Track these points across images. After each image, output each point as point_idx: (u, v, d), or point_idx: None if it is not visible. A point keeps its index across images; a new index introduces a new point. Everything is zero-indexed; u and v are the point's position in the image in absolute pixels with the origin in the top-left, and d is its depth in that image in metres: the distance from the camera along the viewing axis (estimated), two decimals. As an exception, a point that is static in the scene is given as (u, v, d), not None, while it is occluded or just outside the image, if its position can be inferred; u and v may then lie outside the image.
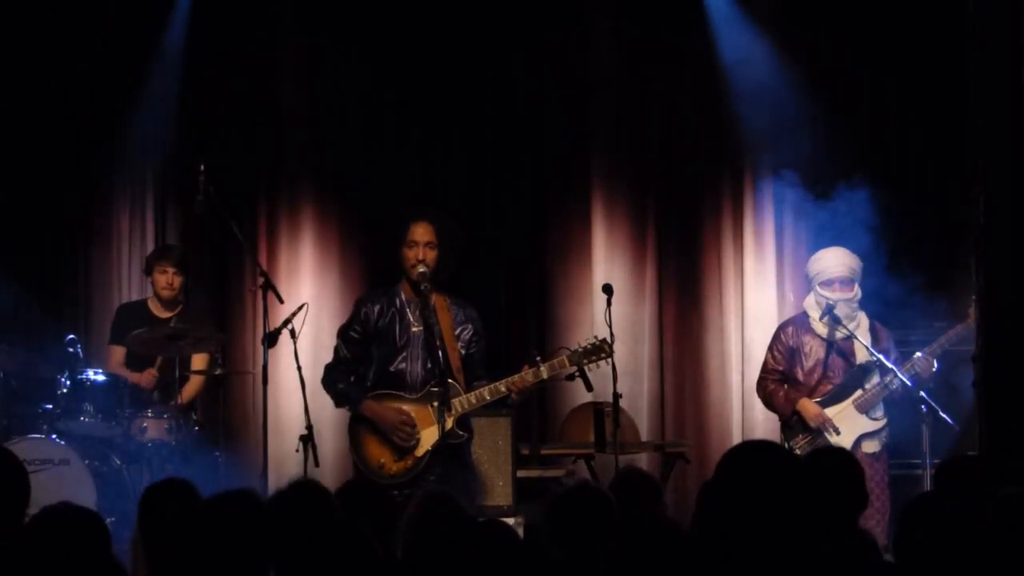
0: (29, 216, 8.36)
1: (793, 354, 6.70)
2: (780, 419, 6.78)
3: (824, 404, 6.63)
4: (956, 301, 6.92)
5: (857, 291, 6.65)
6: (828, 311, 6.52)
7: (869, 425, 6.59)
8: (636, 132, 8.44)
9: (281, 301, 6.69)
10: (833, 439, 6.51)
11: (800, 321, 6.78)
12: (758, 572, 2.84)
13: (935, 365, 6.58)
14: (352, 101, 8.45)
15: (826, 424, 6.52)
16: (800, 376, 6.67)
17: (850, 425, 6.58)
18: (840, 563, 2.74)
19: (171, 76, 8.34)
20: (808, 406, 6.58)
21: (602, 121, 8.42)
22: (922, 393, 6.53)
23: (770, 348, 6.83)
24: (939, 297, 7.30)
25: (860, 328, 6.62)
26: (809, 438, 6.56)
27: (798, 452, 6.39)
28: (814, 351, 6.68)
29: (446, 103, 8.40)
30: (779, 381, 6.70)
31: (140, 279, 8.29)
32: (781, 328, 6.86)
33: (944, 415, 6.54)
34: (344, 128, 8.43)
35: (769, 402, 6.78)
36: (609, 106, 8.40)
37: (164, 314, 7.31)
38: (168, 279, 7.30)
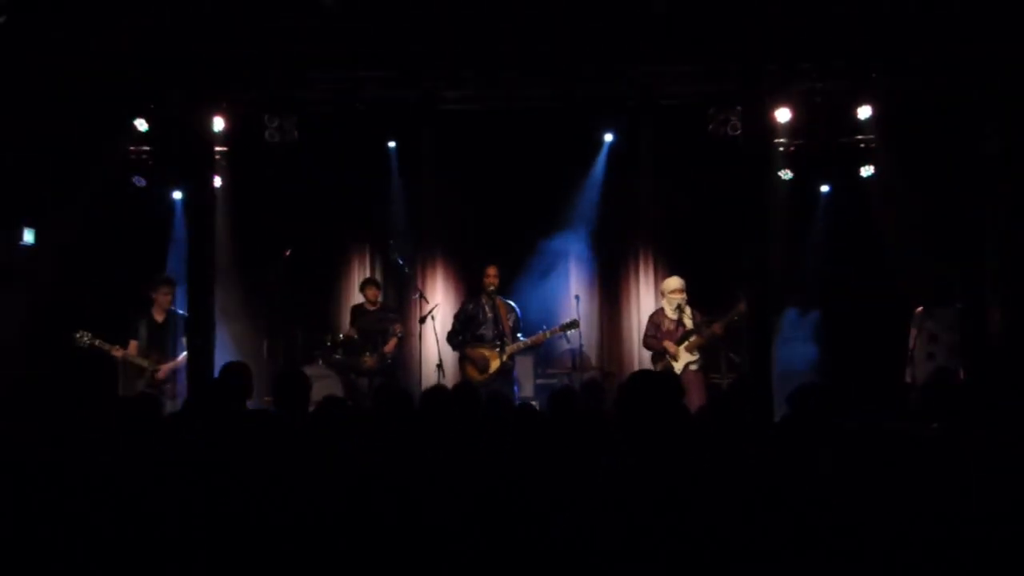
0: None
1: (657, 327, 10.75)
2: (650, 353, 10.62)
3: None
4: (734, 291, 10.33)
5: (684, 294, 10.58)
6: (677, 308, 10.69)
7: (691, 358, 10.69)
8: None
9: (427, 303, 10.73)
10: (674, 364, 10.55)
11: (659, 311, 10.84)
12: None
13: (720, 331, 10.55)
14: (468, 187, 11.42)
15: (669, 349, 10.34)
16: (660, 335, 10.70)
17: (683, 357, 10.65)
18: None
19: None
20: (667, 344, 10.49)
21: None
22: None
23: (648, 323, 10.90)
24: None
25: (687, 312, 10.70)
26: (662, 363, 10.57)
27: (659, 369, 10.39)
28: (666, 324, 10.70)
29: (521, 182, 11.40)
30: (653, 337, 10.73)
31: (354, 287, 11.47)
32: (651, 316, 10.86)
33: (732, 355, 10.71)
34: (462, 205, 11.69)
35: (649, 345, 10.68)
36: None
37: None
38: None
